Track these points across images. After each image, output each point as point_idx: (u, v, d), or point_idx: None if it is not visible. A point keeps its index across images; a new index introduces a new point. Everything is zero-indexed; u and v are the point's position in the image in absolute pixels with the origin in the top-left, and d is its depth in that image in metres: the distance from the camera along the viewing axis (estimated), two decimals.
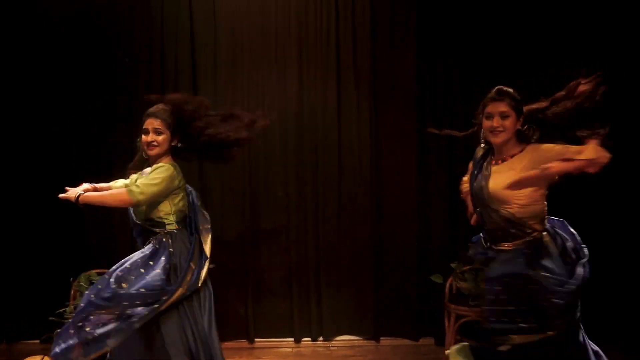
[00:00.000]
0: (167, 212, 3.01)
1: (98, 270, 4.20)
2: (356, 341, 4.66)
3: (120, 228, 4.46)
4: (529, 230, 2.78)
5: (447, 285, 4.23)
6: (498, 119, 2.79)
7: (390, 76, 4.62)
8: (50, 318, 3.94)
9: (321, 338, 4.64)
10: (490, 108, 2.83)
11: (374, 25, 4.62)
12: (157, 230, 3.01)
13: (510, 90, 2.86)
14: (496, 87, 2.88)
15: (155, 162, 3.05)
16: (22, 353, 4.14)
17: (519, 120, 2.83)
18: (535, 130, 2.85)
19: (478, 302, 3.92)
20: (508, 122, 2.79)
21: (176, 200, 3.04)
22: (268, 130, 3.84)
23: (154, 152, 3.03)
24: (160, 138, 3.01)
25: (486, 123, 2.83)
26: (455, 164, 4.26)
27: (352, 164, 4.66)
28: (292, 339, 4.61)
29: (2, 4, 4.49)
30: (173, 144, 3.08)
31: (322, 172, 4.65)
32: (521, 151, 2.84)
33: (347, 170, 4.66)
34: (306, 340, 4.64)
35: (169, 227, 3.02)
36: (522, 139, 2.86)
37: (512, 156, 2.83)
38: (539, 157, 2.72)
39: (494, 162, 2.89)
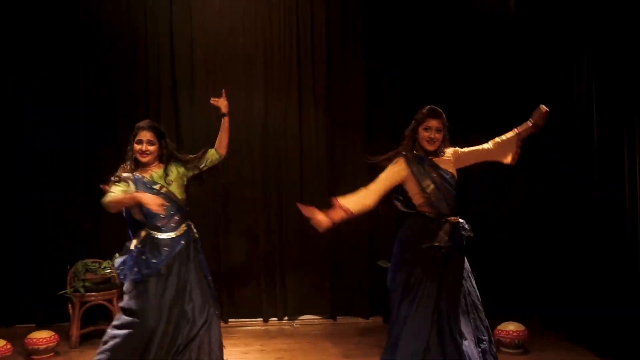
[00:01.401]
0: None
1: (92, 260, 4.84)
2: (316, 319, 5.38)
3: (108, 223, 5.08)
4: None
5: None
6: (434, 132, 3.44)
7: (343, 95, 5.41)
8: (60, 293, 4.61)
9: (286, 318, 5.35)
10: (428, 123, 3.44)
11: (329, 53, 5.40)
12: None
13: (440, 109, 3.54)
14: (429, 106, 3.50)
15: (147, 166, 3.55)
16: (19, 335, 4.55)
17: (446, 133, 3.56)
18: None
19: None
20: (440, 135, 3.46)
21: None
22: (237, 142, 4.49)
23: (146, 159, 3.52)
24: (152, 148, 3.51)
25: (424, 134, 3.46)
26: None
27: (310, 171, 5.40)
28: (261, 319, 5.29)
29: None
30: (159, 153, 3.56)
31: (284, 178, 5.38)
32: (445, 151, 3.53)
33: (307, 175, 5.39)
34: (273, 319, 5.33)
35: None
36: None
37: (444, 153, 3.49)
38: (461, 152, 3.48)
39: (433, 159, 3.49)
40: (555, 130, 4.76)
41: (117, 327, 3.24)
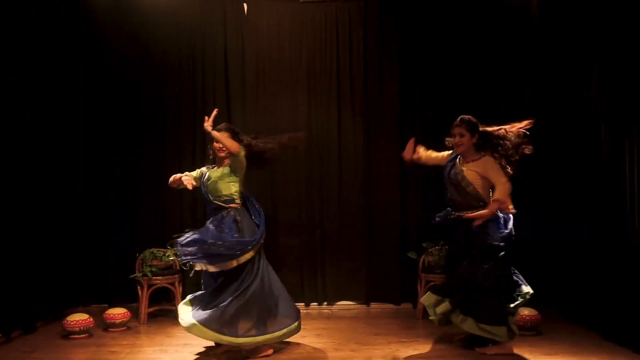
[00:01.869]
0: (235, 191, 4.37)
1: (155, 249, 5.59)
2: (352, 305, 5.99)
3: (170, 216, 5.88)
4: (481, 204, 4.20)
5: (420, 260, 5.56)
6: (458, 138, 4.28)
7: (379, 101, 6.00)
8: (131, 277, 5.41)
9: (325, 303, 5.98)
10: (453, 130, 4.33)
11: (366, 62, 6.01)
12: (227, 205, 4.36)
13: (467, 117, 4.32)
14: (460, 117, 4.36)
15: (222, 161, 4.44)
16: (94, 313, 5.21)
17: (473, 138, 4.27)
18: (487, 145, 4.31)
19: (441, 270, 5.25)
20: (465, 140, 4.26)
21: (239, 184, 4.40)
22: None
23: (223, 154, 4.41)
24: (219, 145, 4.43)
25: (452, 140, 4.34)
26: (428, 171, 5.46)
27: (349, 169, 6.01)
28: (303, 304, 5.90)
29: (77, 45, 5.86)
30: None
31: (326, 176, 6.01)
32: (479, 158, 4.26)
33: (345, 174, 6.01)
34: (314, 304, 5.97)
35: (235, 204, 4.38)
36: (479, 149, 4.29)
37: (473, 160, 4.28)
38: (485, 169, 4.21)
39: (461, 161, 4.32)
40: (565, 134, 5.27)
41: None
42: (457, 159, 4.37)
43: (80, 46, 5.79)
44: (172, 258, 5.46)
